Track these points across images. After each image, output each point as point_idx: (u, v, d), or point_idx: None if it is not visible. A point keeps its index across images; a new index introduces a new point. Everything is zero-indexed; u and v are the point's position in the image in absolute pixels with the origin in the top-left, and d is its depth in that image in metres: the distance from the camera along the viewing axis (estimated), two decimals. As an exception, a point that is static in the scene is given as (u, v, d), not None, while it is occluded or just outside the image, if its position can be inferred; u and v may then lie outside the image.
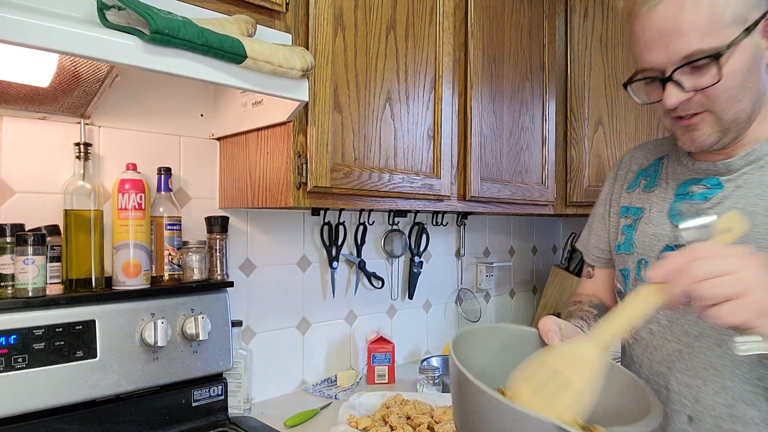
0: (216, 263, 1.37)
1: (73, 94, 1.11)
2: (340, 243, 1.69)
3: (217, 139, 1.45)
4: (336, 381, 1.68)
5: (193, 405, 1.28)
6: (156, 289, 1.22)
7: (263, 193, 1.28)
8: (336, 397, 1.56)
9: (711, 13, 0.75)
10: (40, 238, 1.07)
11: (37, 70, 0.98)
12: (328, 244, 1.68)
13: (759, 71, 0.80)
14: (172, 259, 1.27)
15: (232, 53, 0.91)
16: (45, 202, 1.18)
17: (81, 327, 1.09)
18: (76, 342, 1.08)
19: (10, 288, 1.06)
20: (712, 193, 0.88)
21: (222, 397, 1.33)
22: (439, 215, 2.03)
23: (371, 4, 1.31)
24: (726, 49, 0.75)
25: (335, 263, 1.68)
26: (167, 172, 1.29)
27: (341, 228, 1.69)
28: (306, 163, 1.19)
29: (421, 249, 1.97)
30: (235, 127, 1.34)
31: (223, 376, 1.34)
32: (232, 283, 1.36)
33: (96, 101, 1.17)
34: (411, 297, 1.96)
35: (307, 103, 1.17)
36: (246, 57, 0.93)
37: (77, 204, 1.15)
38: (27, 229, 1.11)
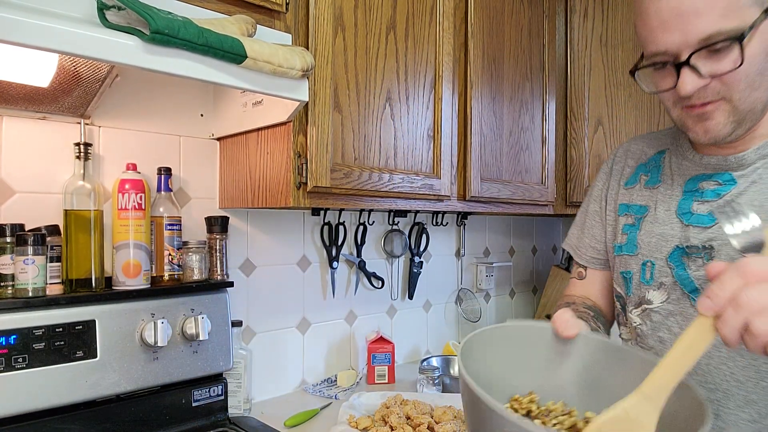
0: (216, 263, 1.37)
1: (73, 94, 1.11)
2: (340, 243, 1.69)
3: (217, 139, 1.45)
4: (336, 381, 1.68)
5: (193, 405, 1.28)
6: (156, 289, 1.22)
7: (263, 193, 1.28)
8: (336, 397, 1.56)
9: None
10: (40, 238, 1.07)
11: (37, 70, 0.98)
12: (328, 244, 1.68)
13: None
14: (172, 259, 1.27)
15: (232, 53, 0.91)
16: (45, 202, 1.18)
17: (81, 327, 1.09)
18: (76, 342, 1.08)
19: (10, 288, 1.06)
20: (724, 189, 0.82)
21: (222, 397, 1.33)
22: (439, 215, 2.03)
23: (371, 4, 1.31)
24: (748, 30, 0.69)
25: (335, 263, 1.68)
26: (167, 172, 1.29)
27: (341, 228, 1.69)
28: (306, 163, 1.19)
29: (421, 249, 1.97)
30: (235, 127, 1.34)
31: (223, 376, 1.34)
32: (232, 283, 1.36)
33: (96, 101, 1.17)
34: (411, 297, 1.96)
35: (307, 103, 1.17)
36: (246, 57, 0.93)
37: (77, 204, 1.15)
38: (27, 229, 1.11)
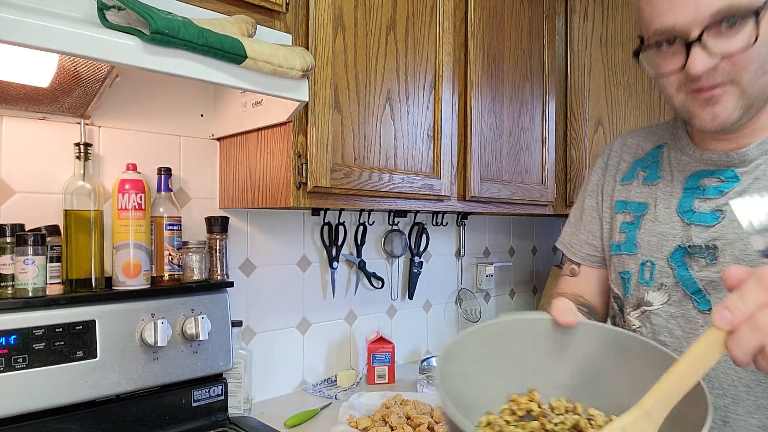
0: (216, 263, 1.37)
1: (73, 95, 1.11)
2: (340, 243, 1.69)
3: (217, 139, 1.45)
4: (336, 381, 1.68)
5: (193, 405, 1.28)
6: (156, 289, 1.22)
7: (263, 193, 1.28)
8: (336, 397, 1.55)
9: None
10: (40, 238, 1.07)
11: (37, 70, 0.98)
12: (328, 244, 1.68)
13: None
14: (172, 259, 1.27)
15: (232, 53, 0.91)
16: (45, 202, 1.18)
17: (81, 327, 1.09)
18: (76, 342, 1.08)
19: (10, 288, 1.06)
20: (727, 186, 0.79)
21: (222, 397, 1.33)
22: (439, 215, 2.03)
23: (371, 4, 1.31)
24: (764, 4, 0.65)
25: (335, 263, 1.68)
26: (167, 172, 1.29)
27: (341, 228, 1.69)
28: (306, 163, 1.19)
29: (421, 249, 1.97)
30: (235, 128, 1.34)
31: (223, 376, 1.34)
32: (232, 283, 1.36)
33: (96, 101, 1.17)
34: (411, 297, 1.96)
35: (307, 104, 1.17)
36: (246, 57, 0.93)
37: (77, 204, 1.15)
38: (27, 229, 1.11)
